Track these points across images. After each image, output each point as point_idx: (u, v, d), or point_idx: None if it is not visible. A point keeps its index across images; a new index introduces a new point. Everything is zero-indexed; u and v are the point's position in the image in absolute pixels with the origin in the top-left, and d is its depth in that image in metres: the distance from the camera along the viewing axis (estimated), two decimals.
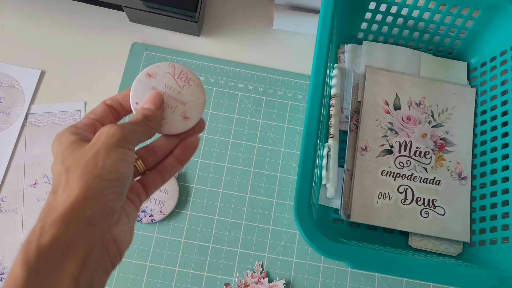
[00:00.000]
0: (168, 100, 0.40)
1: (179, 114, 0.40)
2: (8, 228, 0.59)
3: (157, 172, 0.40)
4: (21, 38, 0.68)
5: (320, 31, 0.58)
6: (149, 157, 0.40)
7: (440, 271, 0.50)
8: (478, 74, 0.68)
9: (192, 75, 0.41)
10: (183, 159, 0.41)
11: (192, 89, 0.41)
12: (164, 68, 0.41)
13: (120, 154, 0.33)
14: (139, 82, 0.40)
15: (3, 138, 0.63)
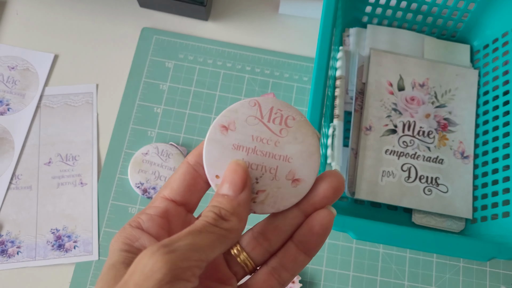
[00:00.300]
0: (263, 161, 0.29)
1: (285, 177, 0.29)
2: (23, 204, 0.61)
3: (271, 271, 0.30)
4: (35, 24, 0.70)
5: (324, 13, 0.60)
6: (258, 247, 0.30)
7: (441, 242, 0.52)
8: (480, 56, 0.69)
9: (289, 109, 0.29)
10: (309, 247, 0.29)
11: (294, 133, 0.29)
12: (244, 110, 0.29)
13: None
14: (213, 142, 0.29)
15: (19, 118, 0.65)
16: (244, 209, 0.27)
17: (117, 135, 0.65)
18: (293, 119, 0.29)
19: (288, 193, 0.29)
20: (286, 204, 0.29)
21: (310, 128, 0.29)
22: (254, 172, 0.29)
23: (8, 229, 0.60)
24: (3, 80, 0.66)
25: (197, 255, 0.24)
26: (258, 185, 0.29)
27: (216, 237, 0.25)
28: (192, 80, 0.68)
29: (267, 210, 0.29)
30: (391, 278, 0.62)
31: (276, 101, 0.29)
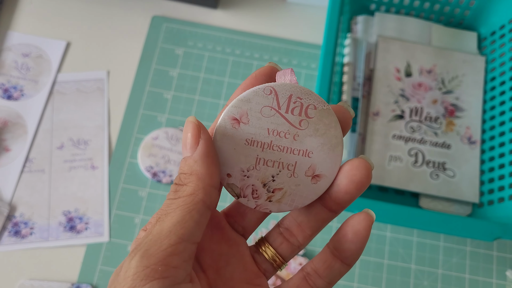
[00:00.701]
0: (280, 157, 0.26)
1: (304, 173, 0.27)
2: (37, 187, 0.63)
3: (305, 276, 0.28)
4: (48, 12, 0.71)
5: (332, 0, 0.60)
6: (285, 242, 0.29)
7: (447, 222, 0.52)
8: (487, 43, 0.69)
9: (311, 97, 0.26)
10: (345, 255, 0.27)
11: (316, 124, 0.26)
12: (259, 99, 0.26)
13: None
14: (223, 138, 0.26)
15: (32, 104, 0.66)
16: (203, 164, 0.25)
17: (127, 120, 0.66)
18: (314, 108, 0.26)
19: (307, 191, 0.27)
20: (304, 202, 0.27)
21: (334, 118, 0.26)
22: (270, 170, 0.27)
23: (22, 211, 0.62)
24: (17, 67, 0.68)
25: (167, 241, 0.23)
26: (275, 183, 0.27)
27: (181, 210, 0.24)
28: (201, 66, 0.69)
29: (284, 209, 0.27)
30: (398, 262, 0.62)
31: (296, 88, 0.26)
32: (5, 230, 0.61)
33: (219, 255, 0.29)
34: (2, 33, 0.69)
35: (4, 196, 0.62)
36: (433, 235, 0.63)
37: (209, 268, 0.29)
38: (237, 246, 0.30)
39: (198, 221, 0.25)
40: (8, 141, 0.64)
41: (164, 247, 0.23)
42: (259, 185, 0.27)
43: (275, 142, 0.26)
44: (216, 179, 0.26)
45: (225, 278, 0.29)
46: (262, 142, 0.26)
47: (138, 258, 0.23)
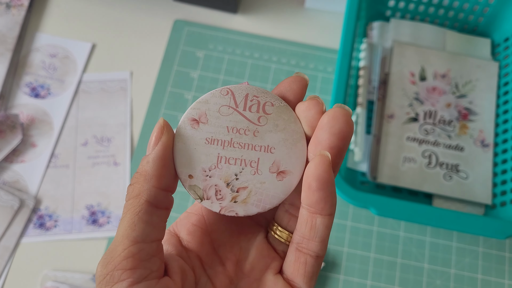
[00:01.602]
0: (242, 154, 0.26)
1: (268, 170, 0.27)
2: (61, 181, 0.65)
3: (297, 247, 0.28)
4: (75, 15, 0.74)
5: (349, 6, 0.62)
6: (293, 218, 0.30)
7: (460, 220, 0.54)
8: (501, 49, 0.71)
9: (267, 95, 0.27)
10: (319, 206, 0.26)
11: (274, 120, 0.27)
12: (216, 100, 0.27)
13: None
14: (183, 139, 0.26)
15: (59, 102, 0.69)
16: (153, 166, 0.26)
17: (149, 119, 0.69)
18: (271, 105, 0.26)
19: (274, 188, 0.26)
20: (273, 202, 0.27)
21: (292, 114, 0.27)
22: (233, 168, 0.26)
23: (47, 204, 0.64)
24: (44, 66, 0.70)
25: (121, 246, 0.25)
26: (239, 181, 0.27)
27: (130, 213, 0.25)
28: (221, 69, 0.72)
29: (251, 210, 0.27)
30: (411, 261, 0.63)
31: (251, 88, 0.27)
32: (30, 222, 0.63)
33: (239, 248, 0.30)
34: (31, 35, 0.72)
35: (30, 189, 0.64)
36: (446, 236, 0.65)
37: (228, 261, 0.30)
38: (256, 237, 0.30)
39: (149, 220, 0.25)
40: (35, 137, 0.67)
41: (119, 253, 0.25)
42: (222, 185, 0.27)
43: (235, 140, 0.26)
44: (164, 181, 0.26)
45: (246, 270, 0.30)
46: (222, 140, 0.26)
47: (99, 267, 0.25)
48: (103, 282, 0.24)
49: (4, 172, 0.65)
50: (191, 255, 0.29)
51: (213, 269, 0.29)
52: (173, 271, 0.27)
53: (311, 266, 0.28)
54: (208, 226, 0.30)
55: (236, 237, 0.30)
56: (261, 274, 0.30)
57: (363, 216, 0.65)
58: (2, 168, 0.65)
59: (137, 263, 0.25)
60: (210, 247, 0.30)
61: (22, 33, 0.72)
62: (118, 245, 0.25)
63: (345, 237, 0.64)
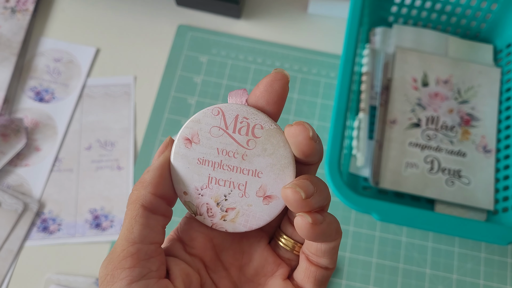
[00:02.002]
0: (231, 176, 0.27)
1: (255, 193, 0.27)
2: (65, 185, 0.66)
3: (306, 257, 0.29)
4: (79, 20, 0.75)
5: (351, 12, 0.63)
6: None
7: (462, 225, 0.54)
8: (503, 55, 0.71)
9: (257, 117, 0.27)
10: (317, 243, 0.28)
11: (263, 144, 0.27)
12: (207, 120, 0.27)
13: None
14: (178, 157, 0.27)
15: (63, 106, 0.69)
16: (152, 175, 0.28)
17: (152, 123, 0.69)
18: (261, 128, 0.26)
19: (260, 211, 0.27)
20: (259, 223, 0.28)
21: (282, 138, 0.26)
22: (222, 189, 0.28)
23: (50, 208, 0.64)
24: (49, 71, 0.71)
25: (120, 247, 0.26)
26: (227, 202, 0.28)
27: (128, 218, 0.27)
28: (224, 74, 0.72)
29: (239, 229, 0.28)
30: (413, 266, 0.63)
31: (242, 108, 0.27)
32: (34, 226, 0.63)
33: (242, 253, 0.31)
34: (36, 39, 0.73)
35: (34, 193, 0.65)
36: (448, 241, 0.65)
37: (231, 266, 0.31)
38: (259, 242, 0.31)
39: (145, 223, 0.27)
40: (39, 141, 0.67)
41: (118, 253, 0.26)
42: (213, 203, 0.28)
43: (225, 162, 0.27)
44: (160, 189, 0.28)
45: (249, 275, 0.31)
46: (212, 162, 0.27)
47: (100, 269, 0.26)
48: (105, 283, 0.26)
49: (8, 176, 0.65)
50: (195, 260, 0.30)
51: (217, 273, 0.30)
52: (175, 275, 0.28)
53: (321, 275, 0.29)
54: (210, 232, 0.30)
55: (237, 243, 0.31)
56: (265, 280, 0.30)
57: (365, 222, 0.65)
58: (6, 171, 0.65)
59: (135, 262, 0.26)
60: (213, 252, 0.30)
61: (27, 37, 0.72)
62: (117, 247, 0.26)
63: (347, 242, 0.64)
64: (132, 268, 0.26)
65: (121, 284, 0.25)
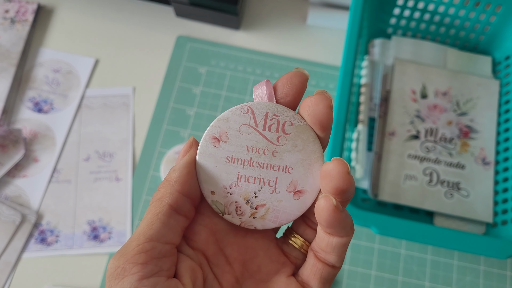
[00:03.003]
0: (261, 173, 0.27)
1: (285, 189, 0.27)
2: (63, 196, 0.65)
3: (315, 254, 0.29)
4: (78, 31, 0.75)
5: (351, 24, 0.63)
6: (308, 228, 0.31)
7: (461, 239, 0.54)
8: (502, 67, 0.71)
9: (287, 113, 0.27)
10: (334, 231, 0.27)
11: (293, 140, 0.27)
12: (236, 118, 0.27)
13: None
14: (205, 156, 0.27)
15: (61, 117, 0.69)
16: (178, 173, 0.28)
17: (151, 134, 0.69)
18: (291, 125, 0.26)
19: (290, 207, 0.27)
20: (289, 218, 0.28)
21: (311, 134, 0.27)
22: (252, 186, 0.28)
23: (48, 219, 0.64)
24: (48, 81, 0.71)
25: (135, 242, 0.26)
26: (257, 199, 0.28)
27: (150, 214, 0.27)
28: (223, 85, 0.72)
29: (268, 226, 0.28)
30: (412, 279, 0.63)
31: (272, 106, 0.27)
32: (32, 237, 0.63)
33: (245, 248, 0.31)
34: (35, 50, 0.73)
35: (32, 204, 0.65)
36: (447, 254, 0.65)
37: (235, 261, 0.30)
38: (264, 239, 0.31)
39: (166, 222, 0.27)
40: (37, 152, 0.67)
41: (133, 247, 0.26)
42: (242, 201, 0.28)
43: (255, 159, 0.27)
44: (187, 187, 0.28)
45: (252, 270, 0.30)
46: (242, 159, 0.27)
47: (111, 260, 0.26)
48: (114, 275, 0.26)
49: (6, 187, 0.65)
50: (198, 254, 0.29)
51: (219, 268, 0.30)
52: (182, 273, 0.28)
53: (327, 272, 0.29)
54: (213, 226, 0.30)
55: (242, 238, 0.31)
56: (269, 277, 0.30)
57: (364, 234, 0.65)
58: (4, 182, 0.65)
59: (148, 259, 0.26)
60: (216, 247, 0.30)
61: (26, 48, 0.72)
62: (133, 241, 0.27)
63: (346, 255, 0.64)
64: (145, 264, 0.26)
65: (132, 278, 0.25)
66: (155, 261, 0.26)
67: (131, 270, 0.25)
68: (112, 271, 0.26)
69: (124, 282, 0.25)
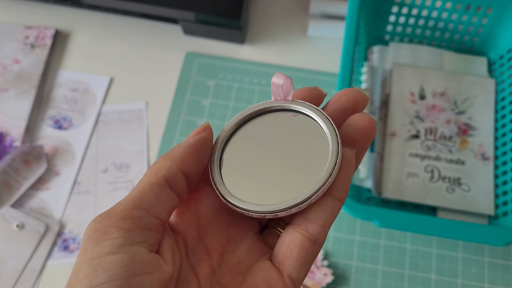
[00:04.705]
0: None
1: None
2: (83, 206, 0.69)
3: (294, 227, 0.28)
4: (93, 52, 0.80)
5: (347, 30, 0.67)
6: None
7: (460, 228, 0.56)
8: (497, 66, 0.74)
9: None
10: (337, 186, 0.27)
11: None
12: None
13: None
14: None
15: (80, 133, 0.74)
16: (183, 150, 0.27)
17: (164, 145, 0.73)
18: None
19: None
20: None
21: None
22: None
23: (70, 228, 0.68)
24: (66, 100, 0.76)
25: (122, 207, 0.24)
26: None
27: (142, 183, 0.26)
28: (231, 96, 0.76)
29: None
30: (418, 272, 0.66)
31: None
32: (55, 246, 0.67)
33: (227, 239, 0.29)
34: (54, 71, 0.78)
35: (54, 215, 0.69)
36: (452, 246, 0.67)
37: (214, 251, 0.29)
38: (247, 231, 0.30)
39: (158, 195, 0.25)
40: (59, 166, 0.72)
41: (118, 212, 0.24)
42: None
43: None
44: (188, 165, 0.27)
45: (231, 262, 0.29)
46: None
47: (91, 222, 0.24)
48: (93, 237, 0.23)
49: (31, 199, 0.70)
50: (178, 238, 0.28)
51: (197, 256, 0.28)
52: (164, 251, 0.26)
53: (305, 250, 0.26)
54: (198, 211, 0.29)
55: (225, 228, 0.30)
56: (246, 269, 0.28)
57: (370, 231, 0.68)
58: (28, 195, 0.70)
59: (134, 226, 0.24)
60: (197, 233, 0.29)
61: (46, 70, 0.77)
62: (119, 206, 0.25)
63: (354, 251, 0.67)
64: (129, 231, 0.24)
65: (113, 243, 0.23)
66: (140, 230, 0.24)
67: (113, 234, 0.23)
68: (91, 233, 0.24)
69: (102, 246, 0.23)
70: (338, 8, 0.79)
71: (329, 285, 0.65)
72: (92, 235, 0.23)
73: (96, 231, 0.23)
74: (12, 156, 0.69)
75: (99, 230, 0.23)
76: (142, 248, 0.24)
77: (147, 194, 0.25)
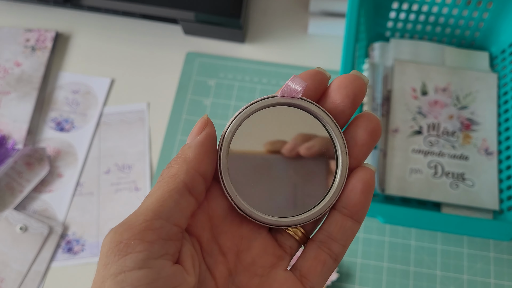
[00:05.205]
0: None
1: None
2: (86, 207, 0.69)
3: (319, 245, 0.29)
4: (94, 54, 0.80)
5: (347, 26, 0.66)
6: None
7: (465, 224, 0.56)
8: (498, 60, 0.74)
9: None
10: (355, 209, 0.28)
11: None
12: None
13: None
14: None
15: (82, 134, 0.74)
16: (194, 150, 0.26)
17: (166, 145, 0.73)
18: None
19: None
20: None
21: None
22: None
23: (74, 230, 0.68)
24: (68, 102, 0.76)
25: (142, 217, 0.24)
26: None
27: (161, 190, 0.25)
28: (232, 95, 0.76)
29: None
30: (423, 268, 0.65)
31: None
32: (59, 248, 0.67)
33: (240, 238, 0.29)
34: (55, 74, 0.78)
35: (58, 217, 0.69)
36: (457, 242, 0.66)
37: (229, 251, 0.29)
38: (259, 229, 0.30)
39: (178, 201, 0.25)
40: (61, 168, 0.72)
41: (139, 223, 0.23)
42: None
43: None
44: (204, 167, 0.26)
45: (246, 263, 0.29)
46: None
47: (111, 234, 0.23)
48: (115, 250, 0.23)
49: (34, 202, 0.69)
50: (193, 240, 0.28)
51: (213, 257, 0.28)
52: (184, 260, 0.26)
53: (327, 267, 0.28)
54: (210, 210, 0.29)
55: (237, 226, 0.29)
56: (264, 271, 0.29)
57: (375, 228, 0.68)
58: (31, 198, 0.70)
59: (156, 238, 0.23)
60: (210, 234, 0.28)
61: (47, 73, 0.77)
62: (140, 215, 0.24)
63: (358, 249, 0.67)
64: (152, 243, 0.23)
65: (137, 257, 0.23)
66: (162, 242, 0.24)
67: (136, 248, 0.23)
68: (113, 245, 0.23)
69: (126, 260, 0.22)
70: (338, 5, 0.79)
71: (334, 283, 0.64)
72: (114, 248, 0.23)
73: (118, 244, 0.23)
74: (15, 159, 0.69)
75: (121, 242, 0.23)
76: (166, 261, 0.24)
77: (167, 202, 0.25)
